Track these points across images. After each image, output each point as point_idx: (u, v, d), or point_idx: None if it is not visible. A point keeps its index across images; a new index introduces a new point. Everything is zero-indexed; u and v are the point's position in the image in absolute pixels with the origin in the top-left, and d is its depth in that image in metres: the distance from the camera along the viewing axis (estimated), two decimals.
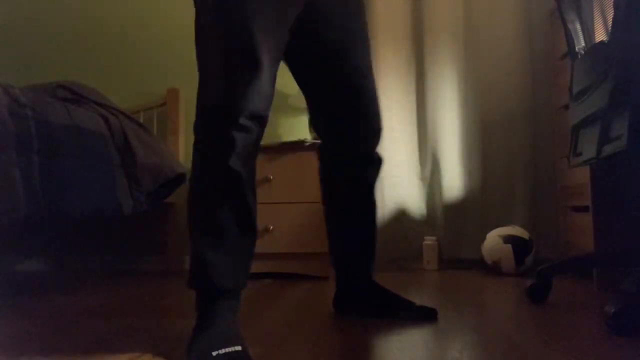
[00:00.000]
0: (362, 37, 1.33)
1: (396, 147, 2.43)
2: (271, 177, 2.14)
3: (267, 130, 1.17)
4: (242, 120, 1.04)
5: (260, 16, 1.06)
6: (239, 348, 0.92)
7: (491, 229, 2.24)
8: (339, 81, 1.29)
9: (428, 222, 2.42)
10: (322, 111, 1.35)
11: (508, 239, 2.12)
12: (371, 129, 1.34)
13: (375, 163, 1.37)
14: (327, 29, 1.26)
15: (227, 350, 0.91)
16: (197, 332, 0.97)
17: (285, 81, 1.48)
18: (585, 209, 1.84)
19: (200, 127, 1.08)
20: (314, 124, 1.40)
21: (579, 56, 1.38)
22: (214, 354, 0.90)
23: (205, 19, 1.10)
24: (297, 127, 2.59)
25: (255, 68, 1.05)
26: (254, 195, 1.11)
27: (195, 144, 1.09)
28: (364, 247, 1.38)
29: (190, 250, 1.05)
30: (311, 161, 2.12)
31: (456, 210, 2.38)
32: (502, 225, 2.25)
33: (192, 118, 1.11)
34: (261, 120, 1.09)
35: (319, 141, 1.41)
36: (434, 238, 2.35)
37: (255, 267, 2.10)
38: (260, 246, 2.11)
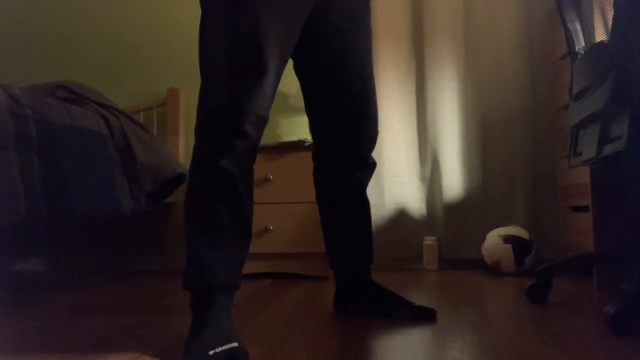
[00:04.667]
0: (366, 47, 1.34)
1: (396, 147, 2.43)
2: (271, 177, 2.14)
3: (267, 130, 1.17)
4: (245, 127, 1.05)
5: (270, 17, 1.06)
6: (235, 344, 0.93)
7: (491, 229, 2.24)
8: (340, 84, 1.29)
9: (428, 222, 2.42)
10: (320, 113, 1.35)
11: (508, 239, 2.12)
12: (367, 134, 1.34)
13: (368, 167, 1.38)
14: (335, 31, 1.26)
15: (224, 347, 0.92)
16: (192, 333, 0.98)
17: (285, 81, 1.49)
18: (585, 209, 1.84)
19: (202, 132, 1.09)
20: (310, 127, 1.40)
21: (579, 56, 1.38)
22: (211, 352, 0.90)
23: (212, 22, 1.10)
24: (297, 127, 2.59)
25: (262, 73, 1.05)
26: (251, 197, 1.11)
27: (195, 147, 1.10)
28: (359, 248, 1.39)
29: (185, 251, 1.07)
30: (311, 161, 2.12)
31: (456, 210, 2.38)
32: (502, 225, 2.25)
33: (193, 118, 1.11)
34: (262, 124, 1.10)
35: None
36: (434, 238, 2.35)
37: (255, 267, 2.13)
38: (260, 246, 2.12)
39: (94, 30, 2.77)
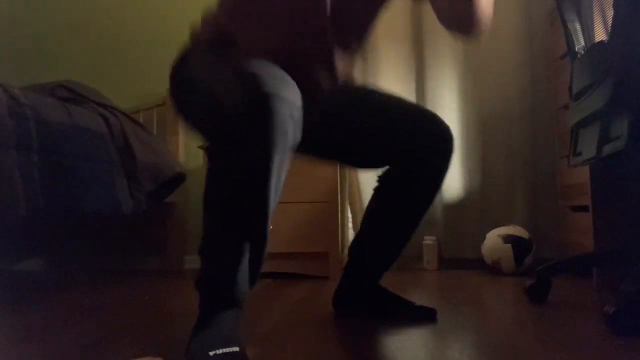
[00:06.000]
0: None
1: None
2: None
3: None
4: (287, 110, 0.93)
5: None
6: (236, 349, 0.92)
7: (491, 229, 2.24)
8: (368, 119, 1.31)
9: (428, 222, 2.42)
10: (373, 154, 1.34)
11: (508, 239, 2.12)
12: (429, 134, 1.29)
13: (436, 186, 1.31)
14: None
15: (225, 350, 0.91)
16: (196, 332, 0.97)
17: None
18: (585, 209, 1.84)
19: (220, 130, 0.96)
20: (373, 168, 1.40)
21: (579, 56, 1.38)
22: (212, 354, 0.89)
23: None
24: None
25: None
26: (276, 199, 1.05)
27: (216, 151, 0.99)
28: (390, 259, 1.36)
29: (203, 255, 1.00)
30: (311, 161, 2.11)
31: (456, 210, 2.38)
32: (502, 225, 2.25)
33: None
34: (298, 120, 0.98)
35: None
36: (434, 238, 2.35)
37: None
38: None
39: (94, 30, 2.77)
